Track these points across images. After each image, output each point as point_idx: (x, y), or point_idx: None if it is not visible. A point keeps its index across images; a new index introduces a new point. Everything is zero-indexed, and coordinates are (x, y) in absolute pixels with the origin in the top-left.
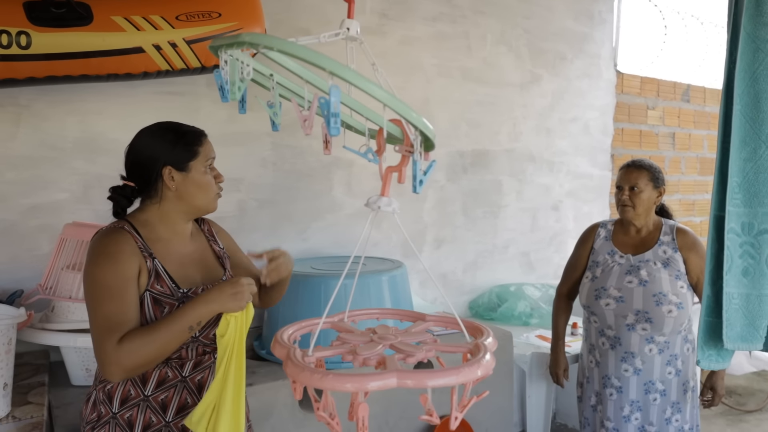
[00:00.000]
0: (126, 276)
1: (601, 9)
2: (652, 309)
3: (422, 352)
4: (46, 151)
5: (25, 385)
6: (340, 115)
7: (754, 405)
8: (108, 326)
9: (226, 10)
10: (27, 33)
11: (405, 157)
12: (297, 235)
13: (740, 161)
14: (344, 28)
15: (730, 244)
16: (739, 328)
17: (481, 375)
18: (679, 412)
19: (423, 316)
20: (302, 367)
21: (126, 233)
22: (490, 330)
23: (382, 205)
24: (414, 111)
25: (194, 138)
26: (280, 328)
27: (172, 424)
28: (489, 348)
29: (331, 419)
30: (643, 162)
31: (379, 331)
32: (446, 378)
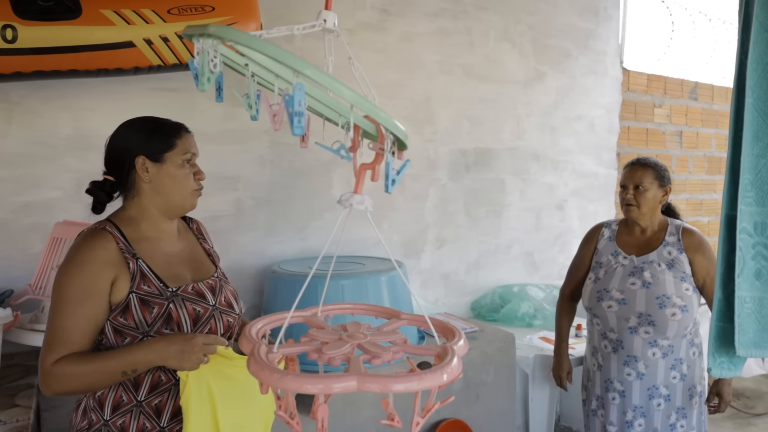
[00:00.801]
0: (88, 289)
1: (606, 5)
2: (655, 312)
3: (389, 353)
4: (39, 149)
5: (13, 387)
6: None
7: (762, 408)
8: (53, 341)
9: (220, 3)
10: (13, 26)
11: (379, 155)
12: (295, 234)
13: (753, 157)
14: (321, 20)
15: (742, 245)
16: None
17: (446, 380)
18: (684, 418)
19: (398, 313)
20: (263, 365)
21: (107, 235)
22: (462, 332)
23: (354, 202)
24: (383, 112)
25: (172, 129)
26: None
27: (167, 429)
28: (457, 352)
29: (290, 419)
30: (648, 160)
31: (349, 328)
32: (408, 383)
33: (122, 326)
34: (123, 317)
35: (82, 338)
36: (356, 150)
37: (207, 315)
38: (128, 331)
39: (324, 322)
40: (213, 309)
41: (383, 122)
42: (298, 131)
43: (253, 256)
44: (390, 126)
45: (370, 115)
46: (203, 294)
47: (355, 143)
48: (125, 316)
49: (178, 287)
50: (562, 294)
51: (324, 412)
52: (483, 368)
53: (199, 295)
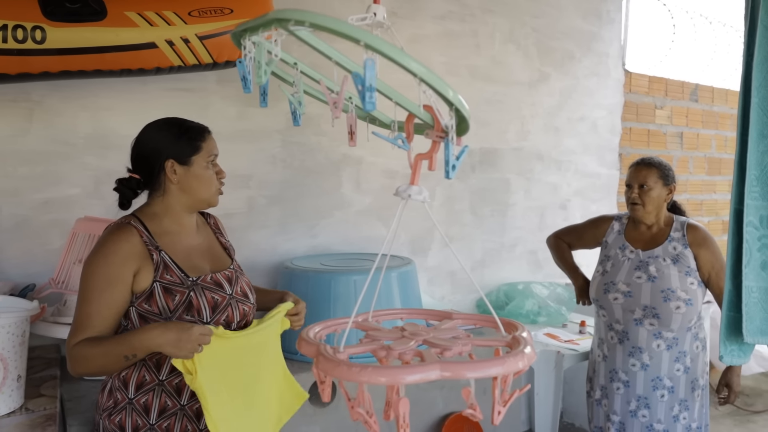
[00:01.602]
0: (111, 279)
1: (609, 8)
2: (660, 305)
3: (458, 345)
4: (59, 147)
5: (37, 378)
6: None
7: (762, 405)
8: (77, 325)
9: (238, 6)
10: (42, 28)
11: (435, 143)
12: (306, 231)
13: (758, 154)
14: (371, 13)
15: (748, 237)
16: (759, 322)
17: (522, 366)
18: (687, 410)
19: (450, 314)
20: (337, 362)
21: (132, 229)
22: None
23: (412, 193)
24: (451, 88)
25: (197, 133)
26: (305, 327)
27: (186, 407)
28: (528, 340)
29: (368, 417)
30: (653, 159)
31: (408, 328)
32: (489, 369)
33: (147, 312)
34: (147, 304)
35: (102, 323)
36: (411, 139)
37: (224, 303)
38: (152, 317)
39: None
40: (230, 298)
41: (451, 98)
42: (369, 107)
43: (265, 253)
44: (456, 102)
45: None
46: (221, 284)
47: (410, 133)
48: (150, 303)
49: (198, 277)
50: (554, 235)
51: (405, 407)
52: None
53: (217, 284)
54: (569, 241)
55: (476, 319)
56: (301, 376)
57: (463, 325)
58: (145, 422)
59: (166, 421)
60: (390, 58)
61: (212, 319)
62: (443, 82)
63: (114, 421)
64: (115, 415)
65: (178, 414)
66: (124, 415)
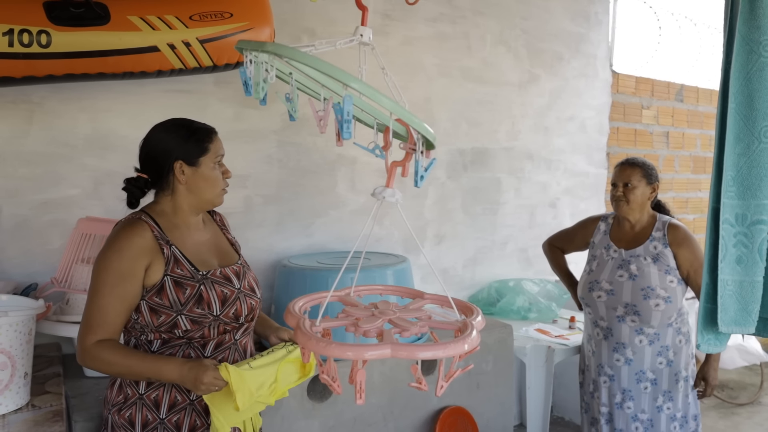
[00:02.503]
0: (124, 273)
1: (597, 10)
2: (640, 302)
3: (416, 327)
4: (58, 148)
5: (41, 376)
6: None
7: (745, 398)
8: (94, 321)
9: (238, 10)
10: (47, 32)
11: (408, 154)
12: (302, 230)
13: (734, 156)
14: (358, 35)
15: (724, 234)
16: (733, 313)
17: (467, 350)
18: (670, 401)
19: (422, 294)
20: (310, 335)
21: (143, 224)
22: (480, 310)
23: (386, 195)
24: (416, 117)
25: (205, 134)
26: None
27: (196, 402)
28: (476, 326)
29: (332, 381)
30: (637, 159)
31: (380, 306)
32: (435, 351)
33: (158, 305)
34: (158, 297)
35: (116, 318)
36: (388, 149)
37: (233, 297)
38: (163, 310)
39: (357, 300)
40: (238, 292)
41: (416, 126)
42: (346, 136)
43: (261, 252)
44: (421, 130)
45: (405, 120)
46: (229, 278)
47: (387, 143)
48: (161, 296)
49: (208, 271)
50: (547, 242)
51: (362, 376)
52: (483, 358)
53: (226, 278)
54: (561, 246)
55: (443, 301)
56: None
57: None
58: (156, 417)
59: (176, 415)
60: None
61: (222, 312)
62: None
63: (124, 416)
64: (125, 410)
65: (187, 409)
66: (134, 410)
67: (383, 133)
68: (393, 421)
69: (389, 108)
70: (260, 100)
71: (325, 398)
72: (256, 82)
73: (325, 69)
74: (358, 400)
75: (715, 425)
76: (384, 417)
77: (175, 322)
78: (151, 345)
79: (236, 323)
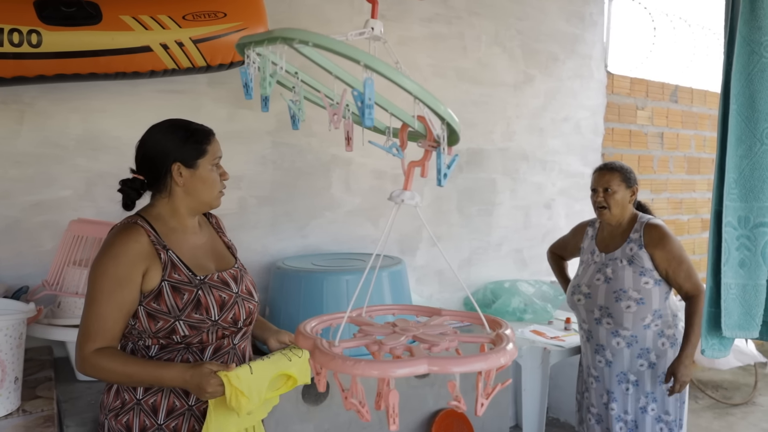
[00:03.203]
0: (121, 280)
1: (592, 11)
2: (612, 304)
3: (446, 341)
4: (50, 149)
5: (32, 380)
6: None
7: (740, 398)
8: (92, 329)
9: (231, 9)
10: (38, 32)
11: (428, 152)
12: (296, 232)
13: (737, 158)
14: (369, 28)
15: (727, 236)
16: (737, 317)
17: (504, 362)
18: (654, 402)
19: (439, 311)
20: (332, 355)
21: (140, 228)
22: (507, 322)
23: (405, 198)
24: (443, 104)
25: (203, 136)
26: (302, 322)
27: (194, 407)
28: (510, 338)
29: (361, 407)
30: (615, 164)
31: (399, 324)
32: (473, 364)
33: (155, 311)
34: (156, 303)
35: (114, 325)
36: (405, 148)
37: (231, 301)
38: (161, 316)
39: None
40: (236, 296)
41: (442, 113)
42: (368, 122)
43: (256, 254)
44: (447, 117)
45: (431, 106)
46: (227, 282)
47: (404, 142)
48: (158, 302)
49: (205, 276)
50: (549, 249)
51: (395, 398)
52: None
53: (223, 283)
54: (561, 254)
55: (463, 316)
56: None
57: (451, 321)
58: (153, 422)
59: (174, 421)
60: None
61: (220, 317)
62: (436, 100)
63: (121, 421)
64: (123, 416)
65: (186, 414)
66: (132, 415)
67: (399, 132)
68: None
69: (414, 92)
70: (262, 106)
71: (320, 401)
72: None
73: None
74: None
75: (709, 425)
76: (380, 419)
77: (173, 327)
78: (149, 350)
79: (235, 328)
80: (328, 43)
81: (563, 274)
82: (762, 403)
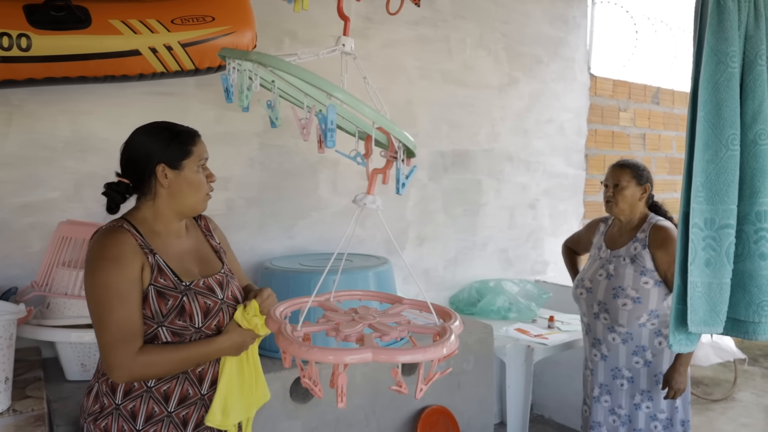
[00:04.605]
0: (131, 279)
1: (575, 14)
2: (609, 301)
3: (396, 331)
4: (38, 151)
5: (21, 381)
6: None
7: (719, 394)
8: (122, 334)
9: (220, 14)
10: (27, 35)
11: (389, 162)
12: (284, 232)
13: (704, 162)
14: (340, 45)
15: (694, 237)
16: (702, 314)
17: (446, 353)
18: (650, 400)
19: (400, 299)
20: (291, 340)
21: (126, 231)
22: (458, 314)
23: (367, 202)
24: (397, 126)
25: (188, 137)
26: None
27: (174, 414)
28: (455, 330)
29: (314, 385)
30: (628, 161)
31: (360, 311)
32: (414, 355)
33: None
34: (141, 307)
35: (139, 322)
36: (369, 156)
37: (216, 308)
38: (144, 321)
39: (336, 306)
40: (221, 303)
41: (397, 135)
42: (330, 144)
43: (244, 254)
44: (402, 138)
45: (386, 129)
46: (213, 288)
47: (369, 151)
48: (144, 306)
49: (191, 281)
50: (564, 244)
51: (343, 380)
52: (464, 358)
53: (209, 289)
54: (574, 248)
55: (421, 306)
56: (283, 373)
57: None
58: (132, 428)
59: (153, 427)
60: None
61: (204, 324)
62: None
63: (99, 425)
64: (101, 420)
65: (164, 420)
66: (110, 420)
67: (365, 141)
68: (375, 421)
69: (371, 117)
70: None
71: (308, 399)
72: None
73: (309, 79)
74: (340, 404)
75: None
76: (366, 417)
77: (155, 333)
78: None
79: (217, 335)
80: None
81: (574, 267)
82: (741, 398)
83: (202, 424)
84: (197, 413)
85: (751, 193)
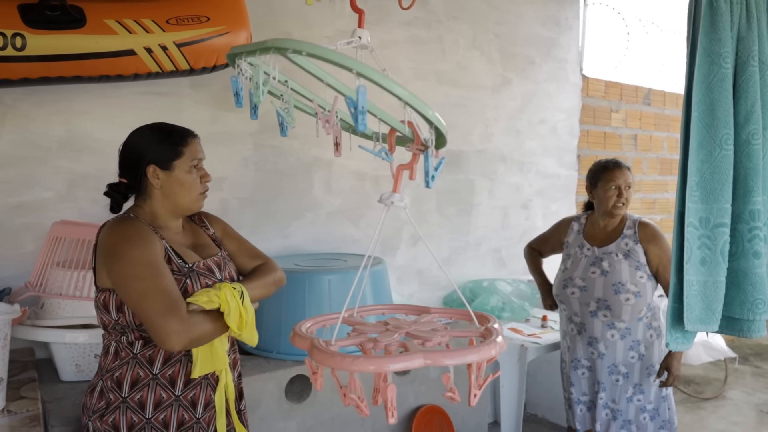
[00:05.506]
0: (159, 253)
1: (567, 15)
2: (611, 297)
3: (438, 336)
4: (32, 151)
5: (15, 381)
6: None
7: (710, 393)
8: (169, 301)
9: (215, 14)
10: (22, 35)
11: (415, 155)
12: (278, 232)
13: (698, 162)
14: (356, 37)
15: (689, 236)
16: (698, 312)
17: (495, 354)
18: (641, 393)
19: (428, 309)
20: (331, 353)
21: (135, 219)
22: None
23: (395, 200)
24: (431, 108)
25: (179, 138)
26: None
27: (182, 397)
28: (499, 331)
29: (360, 402)
30: (619, 161)
31: (391, 322)
32: (466, 356)
33: None
34: None
35: (178, 290)
36: (393, 152)
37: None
38: None
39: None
40: (220, 283)
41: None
42: (362, 128)
43: None
44: (435, 121)
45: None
46: (212, 269)
47: (392, 146)
48: None
49: (193, 263)
50: (528, 246)
51: (392, 392)
52: None
53: (209, 270)
54: (540, 249)
55: (452, 312)
56: (279, 373)
57: (440, 318)
58: (141, 418)
59: (162, 413)
60: (380, 85)
61: None
62: (424, 104)
63: (107, 421)
64: (108, 416)
65: (174, 405)
66: (118, 414)
67: (388, 135)
68: (370, 421)
69: (405, 98)
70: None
71: (303, 399)
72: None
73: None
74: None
75: (681, 419)
76: (361, 416)
77: None
78: (132, 347)
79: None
80: (321, 52)
81: (539, 269)
82: (732, 397)
83: (211, 404)
84: (204, 393)
85: (745, 192)
